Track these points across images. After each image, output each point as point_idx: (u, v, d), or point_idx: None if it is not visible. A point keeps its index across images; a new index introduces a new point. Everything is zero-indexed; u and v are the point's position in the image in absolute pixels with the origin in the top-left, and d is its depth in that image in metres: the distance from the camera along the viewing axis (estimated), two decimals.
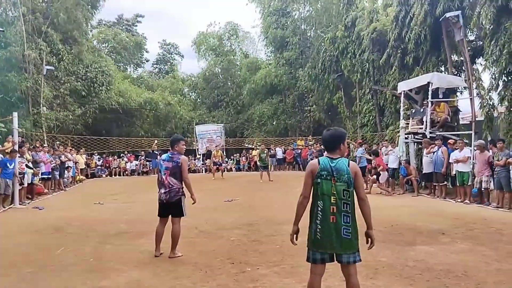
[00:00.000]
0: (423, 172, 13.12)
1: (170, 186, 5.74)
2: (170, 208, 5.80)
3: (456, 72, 14.93)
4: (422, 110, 14.11)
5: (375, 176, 13.92)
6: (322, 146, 22.18)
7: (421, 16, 14.41)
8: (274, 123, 30.97)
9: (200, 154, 27.42)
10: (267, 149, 21.29)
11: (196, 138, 28.68)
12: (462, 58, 14.14)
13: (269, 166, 25.40)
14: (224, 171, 22.34)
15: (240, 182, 18.22)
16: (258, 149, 19.53)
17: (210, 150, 23.94)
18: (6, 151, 11.55)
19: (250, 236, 7.06)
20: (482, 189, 10.59)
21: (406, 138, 14.22)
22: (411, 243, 6.30)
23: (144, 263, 5.59)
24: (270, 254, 5.83)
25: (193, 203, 5.88)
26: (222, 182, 18.27)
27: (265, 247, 6.26)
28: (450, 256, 5.54)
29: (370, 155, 15.06)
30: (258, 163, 19.39)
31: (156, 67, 43.69)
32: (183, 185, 5.86)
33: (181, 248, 6.28)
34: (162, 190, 5.81)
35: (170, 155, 5.88)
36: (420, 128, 13.78)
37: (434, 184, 12.49)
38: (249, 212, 9.78)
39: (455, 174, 11.44)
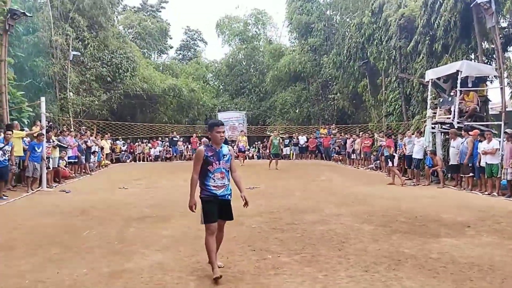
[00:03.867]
0: (450, 163, 12.82)
1: None
2: None
3: (487, 60, 14.41)
4: (450, 99, 13.73)
5: (392, 164, 13.58)
6: (346, 135, 22.01)
7: (451, 2, 13.91)
8: (297, 111, 30.70)
9: None
10: (281, 137, 21.07)
11: None
12: (493, 46, 13.60)
13: (291, 155, 25.51)
14: (246, 158, 22.40)
15: (262, 170, 18.24)
16: (277, 136, 19.34)
17: (233, 138, 23.97)
18: (34, 135, 11.87)
19: (271, 224, 7.07)
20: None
21: (432, 128, 13.90)
22: (435, 235, 6.17)
23: (167, 246, 5.68)
24: (291, 242, 5.83)
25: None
26: (243, 170, 18.34)
27: (286, 235, 6.26)
28: (476, 250, 5.41)
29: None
30: (271, 150, 19.16)
31: (180, 53, 43.84)
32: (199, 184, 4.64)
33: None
34: None
35: None
36: (447, 118, 13.42)
37: (461, 175, 12.19)
38: (271, 200, 9.78)
39: (483, 166, 11.11)
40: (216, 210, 4.49)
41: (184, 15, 70.55)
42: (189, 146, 25.62)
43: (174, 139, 23.92)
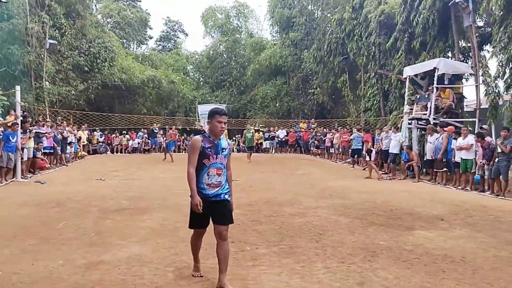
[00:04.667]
0: (425, 158, 13.12)
1: None
2: None
3: (463, 58, 14.79)
4: (427, 96, 14.02)
5: (369, 158, 13.88)
6: (325, 130, 22.20)
7: (430, 0, 14.17)
8: (277, 104, 30.82)
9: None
10: (254, 130, 21.40)
11: (199, 118, 28.65)
12: (469, 44, 13.95)
13: (271, 148, 25.61)
14: None
15: (241, 163, 18.25)
16: (250, 129, 19.71)
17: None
18: (8, 124, 11.55)
19: (250, 216, 7.10)
20: (485, 176, 10.60)
21: (409, 124, 14.18)
22: (410, 228, 6.33)
23: (145, 238, 5.64)
24: (269, 234, 5.87)
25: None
26: None
27: (265, 227, 6.30)
28: (448, 242, 5.57)
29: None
30: (244, 144, 19.49)
31: (160, 44, 43.28)
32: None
33: (182, 226, 6.31)
34: None
35: None
36: (424, 114, 13.72)
37: (435, 170, 12.49)
38: (250, 193, 9.82)
39: (457, 161, 11.41)
40: (206, 213, 3.84)
41: (164, 6, 69.57)
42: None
43: (155, 131, 23.63)
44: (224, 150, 3.93)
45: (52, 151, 15.22)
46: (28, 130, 12.64)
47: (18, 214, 7.09)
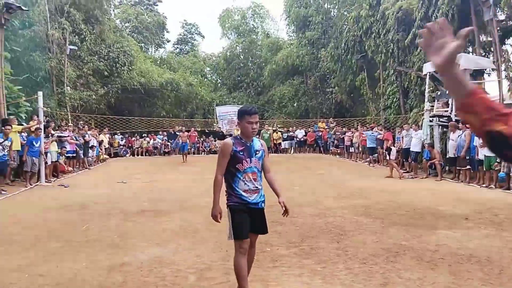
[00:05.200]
0: (448, 156, 12.86)
1: None
2: None
3: (484, 53, 14.45)
4: (447, 92, 13.73)
5: (389, 157, 13.69)
6: (344, 129, 22.02)
7: None
8: (295, 104, 30.70)
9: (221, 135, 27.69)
10: (272, 130, 21.29)
11: (217, 119, 28.81)
12: (490, 39, 13.63)
13: (290, 148, 25.52)
14: None
15: None
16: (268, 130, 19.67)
17: (230, 133, 23.97)
18: (31, 129, 11.85)
19: (270, 217, 6.96)
20: (510, 174, 10.33)
21: (430, 121, 13.94)
22: (433, 228, 6.21)
23: (166, 240, 5.70)
24: (290, 235, 5.85)
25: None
26: None
27: (285, 228, 6.28)
28: (473, 242, 5.45)
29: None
30: None
31: (177, 47, 43.70)
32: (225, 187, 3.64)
33: (202, 227, 6.38)
34: None
35: None
36: (445, 111, 13.45)
37: (458, 168, 12.24)
38: (269, 193, 9.77)
39: (481, 159, 11.15)
40: (249, 222, 3.57)
41: (181, 9, 70.22)
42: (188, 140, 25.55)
43: (177, 133, 23.79)
44: (257, 152, 3.61)
45: (74, 155, 15.53)
46: (50, 135, 12.94)
47: (42, 217, 7.26)
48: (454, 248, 5.11)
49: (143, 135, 25.31)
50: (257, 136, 3.95)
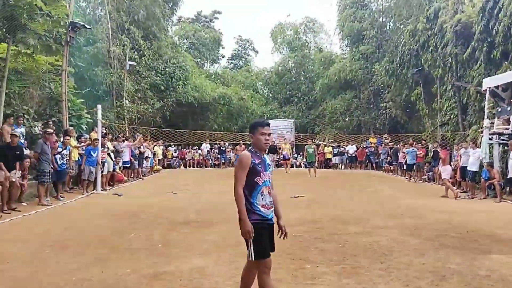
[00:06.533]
0: (508, 176, 12.02)
1: None
2: None
3: None
4: (509, 108, 12.92)
5: (445, 176, 12.97)
6: (397, 145, 21.32)
7: (511, 7, 13.16)
8: (347, 119, 30.21)
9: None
10: (315, 145, 21.17)
11: None
12: None
13: (340, 164, 25.06)
14: (293, 166, 22.28)
15: (308, 178, 18.08)
16: (314, 144, 19.66)
17: (276, 145, 24.09)
18: (84, 146, 12.56)
19: (313, 233, 6.98)
20: None
21: (490, 139, 13.16)
22: (487, 252, 5.80)
23: (208, 251, 5.78)
24: (331, 252, 5.72)
25: (242, 235, 3.45)
26: (290, 178, 18.28)
27: (327, 245, 6.15)
28: None
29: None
30: (305, 158, 19.49)
31: (231, 62, 44.71)
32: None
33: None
34: None
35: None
36: (506, 129, 12.64)
37: None
38: (315, 209, 9.67)
39: None
40: (268, 238, 3.46)
41: (236, 25, 71.92)
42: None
43: (222, 148, 24.34)
44: (269, 166, 3.60)
45: (129, 165, 16.25)
46: (106, 146, 13.63)
47: (94, 224, 7.64)
48: (507, 275, 4.72)
49: (195, 148, 25.98)
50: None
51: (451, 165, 13.86)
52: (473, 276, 4.67)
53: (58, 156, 10.79)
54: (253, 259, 3.37)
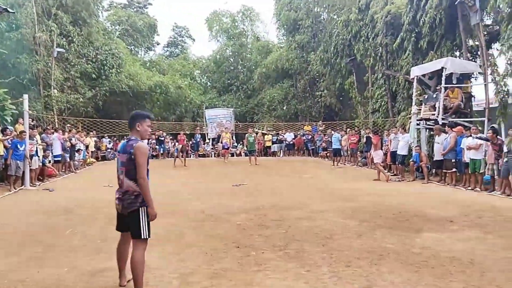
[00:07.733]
0: (434, 159, 12.96)
1: (126, 189, 3.93)
2: (127, 221, 3.96)
3: (471, 57, 14.61)
4: (435, 96, 13.88)
5: (377, 160, 13.72)
6: (332, 132, 22.11)
7: None
8: (285, 107, 30.79)
9: (209, 139, 27.64)
10: (255, 133, 21.60)
11: (206, 122, 28.76)
12: (477, 43, 13.79)
13: (279, 152, 25.56)
14: (233, 155, 22.33)
15: (249, 167, 18.24)
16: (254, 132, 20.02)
17: (220, 134, 24.03)
18: (17, 131, 11.65)
19: (257, 220, 7.07)
20: (495, 177, 10.44)
21: (417, 124, 14.06)
22: (418, 230, 6.24)
23: (150, 245, 5.52)
24: (275, 238, 5.83)
25: (150, 219, 3.90)
26: (230, 167, 18.33)
27: (271, 231, 6.26)
28: (457, 244, 5.48)
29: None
30: (246, 147, 19.84)
31: (167, 50, 43.57)
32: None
33: (188, 231, 6.33)
34: (116, 194, 4.06)
35: (125, 143, 3.98)
36: (432, 114, 13.58)
37: (444, 171, 12.34)
38: (256, 197, 9.79)
39: (467, 161, 11.25)
40: None
41: (171, 12, 70.04)
42: (176, 143, 25.44)
43: (161, 138, 23.72)
44: None
45: (60, 158, 15.33)
46: (34, 138, 12.71)
47: (26, 222, 7.14)
48: (438, 251, 5.13)
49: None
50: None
51: (382, 149, 14.64)
52: (408, 254, 5.01)
53: None
54: (147, 236, 3.89)
